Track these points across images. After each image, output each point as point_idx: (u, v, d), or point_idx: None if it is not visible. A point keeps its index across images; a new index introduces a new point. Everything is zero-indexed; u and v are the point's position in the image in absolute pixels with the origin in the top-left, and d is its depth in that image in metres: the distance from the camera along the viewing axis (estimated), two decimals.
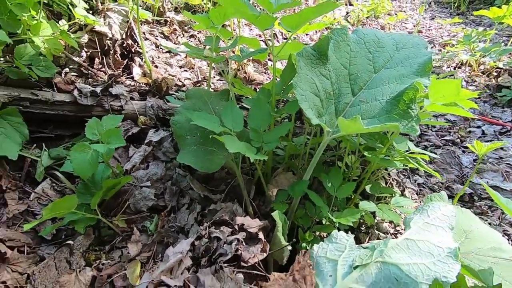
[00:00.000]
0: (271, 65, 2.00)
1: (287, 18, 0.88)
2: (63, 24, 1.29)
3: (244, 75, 1.66)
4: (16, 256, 0.80)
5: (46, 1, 1.25)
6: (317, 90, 0.95)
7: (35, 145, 1.11)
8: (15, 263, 0.79)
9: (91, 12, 1.43)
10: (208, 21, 1.10)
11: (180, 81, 1.58)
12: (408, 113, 0.92)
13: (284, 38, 2.70)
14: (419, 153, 1.12)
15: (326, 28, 3.64)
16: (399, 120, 0.92)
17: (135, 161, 1.08)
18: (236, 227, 0.85)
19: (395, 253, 0.73)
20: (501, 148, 1.81)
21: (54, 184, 1.07)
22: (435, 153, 1.80)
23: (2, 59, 1.16)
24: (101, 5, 1.45)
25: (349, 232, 1.17)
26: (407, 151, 1.12)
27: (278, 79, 1.14)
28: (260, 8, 1.50)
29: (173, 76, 1.57)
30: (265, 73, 1.98)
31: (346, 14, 4.25)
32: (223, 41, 1.47)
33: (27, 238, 0.88)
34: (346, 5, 4.65)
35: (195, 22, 1.97)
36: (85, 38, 1.35)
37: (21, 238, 0.86)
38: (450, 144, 1.94)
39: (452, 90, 0.79)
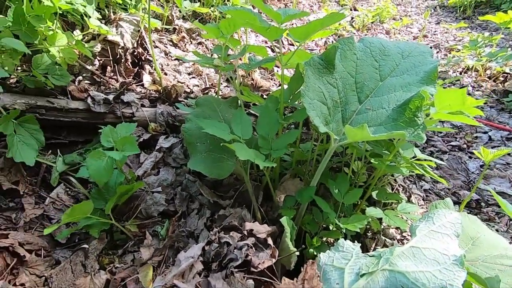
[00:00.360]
0: (277, 71, 2.03)
1: (295, 30, 0.90)
2: (77, 34, 1.34)
3: (251, 81, 1.69)
4: (34, 259, 0.83)
5: (61, 12, 1.29)
6: (324, 98, 0.98)
7: (50, 151, 1.14)
8: (33, 266, 0.82)
9: (103, 21, 1.48)
10: (217, 31, 1.13)
11: (189, 88, 1.62)
12: (414, 121, 0.94)
13: (290, 44, 2.73)
14: (425, 160, 1.13)
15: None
16: (406, 128, 0.94)
17: (147, 167, 1.12)
18: (245, 232, 0.87)
19: (401, 261, 0.74)
20: (509, 154, 1.81)
21: (68, 189, 1.10)
22: (442, 159, 1.80)
23: (19, 68, 1.20)
24: (113, 15, 1.49)
25: (356, 237, 1.19)
26: (413, 157, 1.13)
27: (285, 87, 1.17)
28: (265, 15, 1.53)
29: (182, 83, 1.61)
30: (271, 79, 2.01)
31: (351, 19, 4.28)
32: (232, 49, 1.50)
33: (43, 241, 0.91)
34: (351, 10, 4.68)
35: (203, 30, 2.01)
36: (98, 47, 1.39)
37: (38, 241, 0.89)
38: (456, 149, 1.94)
39: (458, 99, 0.81)
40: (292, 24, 3.17)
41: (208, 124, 0.92)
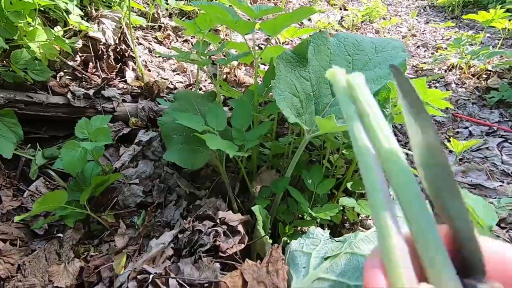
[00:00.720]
0: (263, 68, 2.05)
1: (265, 24, 0.93)
2: (58, 30, 1.35)
3: (234, 78, 1.71)
4: (9, 249, 0.85)
5: (42, 8, 1.31)
6: (296, 91, 1.00)
7: (29, 145, 1.16)
8: (7, 255, 0.83)
9: (85, 18, 1.49)
10: (195, 27, 1.16)
11: (173, 84, 1.64)
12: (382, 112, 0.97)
13: (276, 42, 2.76)
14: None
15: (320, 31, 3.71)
16: None
17: (125, 159, 1.13)
18: (218, 221, 0.89)
19: (364, 244, 0.77)
20: (487, 148, 1.86)
21: (47, 183, 1.12)
22: None
23: None
24: (95, 12, 1.51)
25: (333, 228, 1.22)
26: None
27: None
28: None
29: (165, 79, 1.63)
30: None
31: (341, 18, 4.33)
32: (214, 45, 1.52)
33: (20, 232, 0.93)
34: (340, 9, 4.73)
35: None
36: (79, 43, 1.40)
37: (14, 232, 0.91)
38: None
39: (419, 89, 0.84)
40: None
41: (181, 116, 0.94)
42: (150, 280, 0.70)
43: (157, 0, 1.66)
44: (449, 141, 2.00)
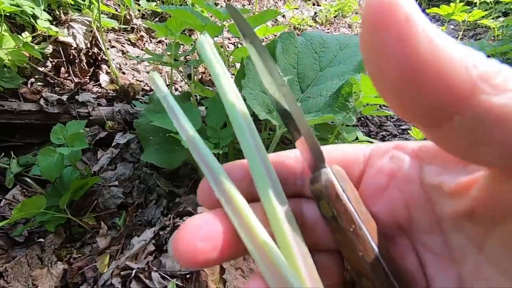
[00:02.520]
0: (237, 67, 2.10)
1: (232, 26, 0.98)
2: (26, 36, 1.33)
3: (210, 78, 1.74)
4: None
5: (8, 14, 1.28)
6: (266, 89, 1.06)
7: (3, 153, 1.15)
8: None
9: (54, 23, 1.48)
10: (166, 29, 1.18)
11: (148, 86, 1.65)
12: (346, 106, 1.05)
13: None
14: (366, 141, 1.25)
15: (294, 28, 3.79)
16: (339, 112, 1.05)
17: (103, 163, 1.15)
18: None
19: None
20: None
21: (24, 190, 1.12)
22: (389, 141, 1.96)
23: None
24: (64, 16, 1.49)
25: None
26: (355, 139, 1.25)
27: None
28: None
29: (140, 81, 1.64)
30: (232, 75, 2.08)
31: (314, 14, 4.42)
32: (187, 46, 1.54)
33: None
34: (314, 5, 4.83)
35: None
36: (49, 49, 1.39)
37: None
38: (406, 133, 2.11)
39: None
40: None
41: (157, 118, 0.98)
42: (133, 275, 0.73)
43: (126, 2, 1.66)
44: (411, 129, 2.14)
